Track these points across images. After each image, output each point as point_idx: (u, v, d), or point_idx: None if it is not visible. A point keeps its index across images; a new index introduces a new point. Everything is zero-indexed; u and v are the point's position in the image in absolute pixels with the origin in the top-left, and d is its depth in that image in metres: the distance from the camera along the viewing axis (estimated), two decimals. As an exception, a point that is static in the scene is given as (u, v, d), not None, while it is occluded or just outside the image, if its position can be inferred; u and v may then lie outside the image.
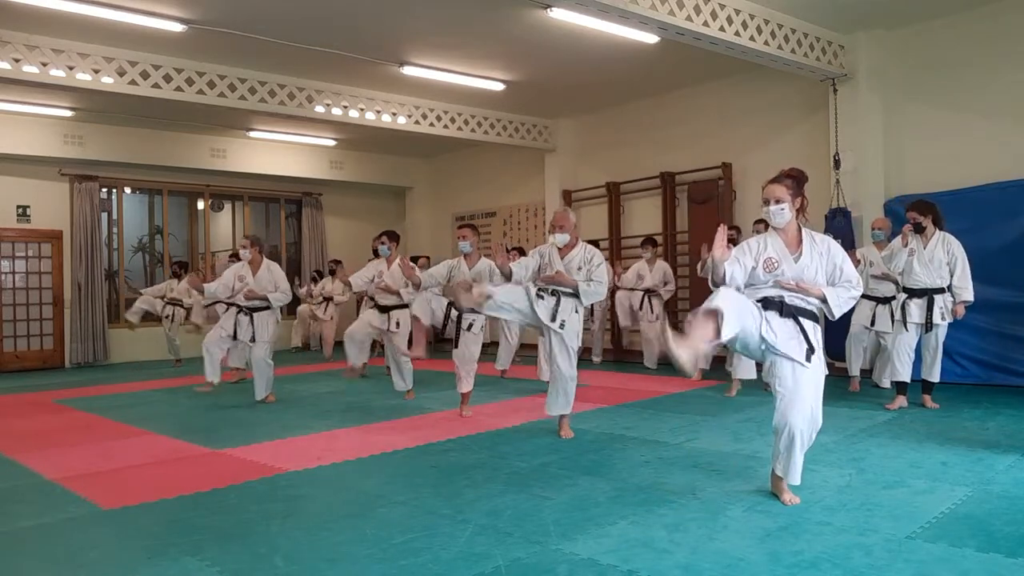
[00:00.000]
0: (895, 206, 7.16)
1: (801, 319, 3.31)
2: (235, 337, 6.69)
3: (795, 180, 3.40)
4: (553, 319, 4.75)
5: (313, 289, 11.10)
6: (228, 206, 12.78)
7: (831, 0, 6.59)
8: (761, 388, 6.49)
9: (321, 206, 13.25)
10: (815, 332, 3.34)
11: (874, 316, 6.30)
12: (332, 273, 11.03)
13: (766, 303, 3.33)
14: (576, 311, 4.85)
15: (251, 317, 6.57)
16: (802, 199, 3.41)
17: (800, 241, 3.41)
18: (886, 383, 6.33)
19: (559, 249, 4.91)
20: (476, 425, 5.43)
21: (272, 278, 6.54)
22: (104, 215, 11.20)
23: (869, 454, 4.26)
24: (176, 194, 12.08)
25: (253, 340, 6.56)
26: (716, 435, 4.77)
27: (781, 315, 3.29)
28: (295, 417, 6.00)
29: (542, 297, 4.82)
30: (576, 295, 4.81)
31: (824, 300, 3.33)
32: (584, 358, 9.17)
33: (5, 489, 4.04)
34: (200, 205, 12.43)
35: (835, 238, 7.29)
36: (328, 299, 10.94)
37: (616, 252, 9.95)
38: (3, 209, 10.28)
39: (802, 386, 3.28)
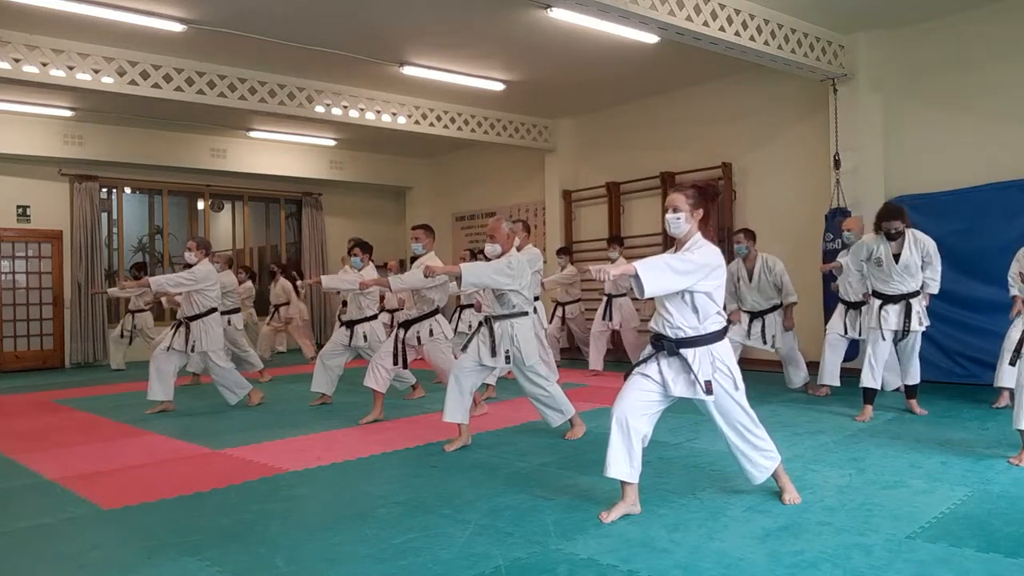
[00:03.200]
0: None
1: (683, 351, 3.17)
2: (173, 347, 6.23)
3: (699, 191, 3.24)
4: (495, 354, 4.50)
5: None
6: (228, 206, 12.78)
7: (831, 0, 6.59)
8: (759, 387, 6.49)
9: (321, 206, 13.25)
10: (709, 359, 3.18)
11: (846, 324, 6.12)
12: (272, 275, 10.32)
13: (655, 343, 3.25)
14: (516, 333, 4.53)
15: (187, 326, 6.20)
16: (703, 212, 3.23)
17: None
18: (893, 385, 6.32)
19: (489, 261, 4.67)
20: (476, 425, 5.42)
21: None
22: (104, 215, 11.19)
23: (869, 454, 4.26)
24: (176, 194, 12.08)
25: (193, 350, 6.18)
26: (716, 435, 4.75)
27: (670, 354, 3.19)
28: (295, 417, 6.00)
29: (481, 326, 4.63)
30: (511, 316, 4.55)
31: (636, 276, 3.00)
32: (579, 358, 9.16)
33: (5, 489, 4.04)
34: (200, 205, 12.43)
35: (834, 238, 7.33)
36: (277, 307, 10.36)
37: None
38: (3, 209, 10.28)
39: (721, 415, 3.27)
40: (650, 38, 6.70)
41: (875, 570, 2.58)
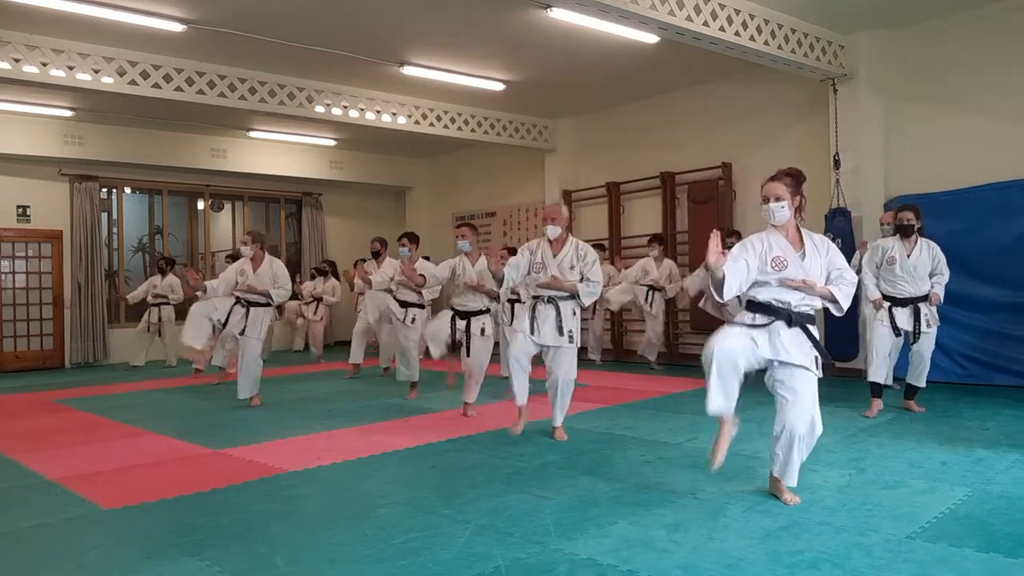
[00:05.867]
0: (895, 206, 7.16)
1: (808, 326, 3.33)
2: (225, 324, 6.37)
3: (794, 179, 3.40)
4: (562, 334, 4.73)
5: (300, 288, 10.78)
6: (228, 206, 12.77)
7: (831, 0, 6.59)
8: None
9: (321, 206, 13.25)
10: (818, 337, 3.37)
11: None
12: (323, 274, 10.82)
13: (772, 311, 3.32)
14: (575, 313, 4.83)
15: (247, 310, 6.43)
16: (800, 198, 3.41)
17: (802, 240, 3.41)
18: (889, 380, 6.33)
19: (550, 244, 4.85)
20: (476, 425, 5.43)
21: (273, 274, 6.47)
22: (104, 215, 11.19)
23: (869, 454, 4.26)
24: (176, 194, 12.08)
25: (243, 333, 6.38)
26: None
27: (790, 325, 3.30)
28: (295, 417, 6.00)
29: (537, 304, 4.76)
30: (572, 296, 4.78)
31: (833, 299, 3.34)
32: (583, 358, 9.17)
33: (5, 489, 4.04)
34: (200, 205, 12.43)
35: (834, 238, 7.35)
36: (317, 299, 10.71)
37: (616, 252, 9.94)
38: (3, 209, 10.28)
39: (804, 391, 3.29)
40: (650, 38, 6.70)
41: (875, 570, 2.58)
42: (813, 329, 3.34)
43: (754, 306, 3.37)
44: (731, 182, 8.77)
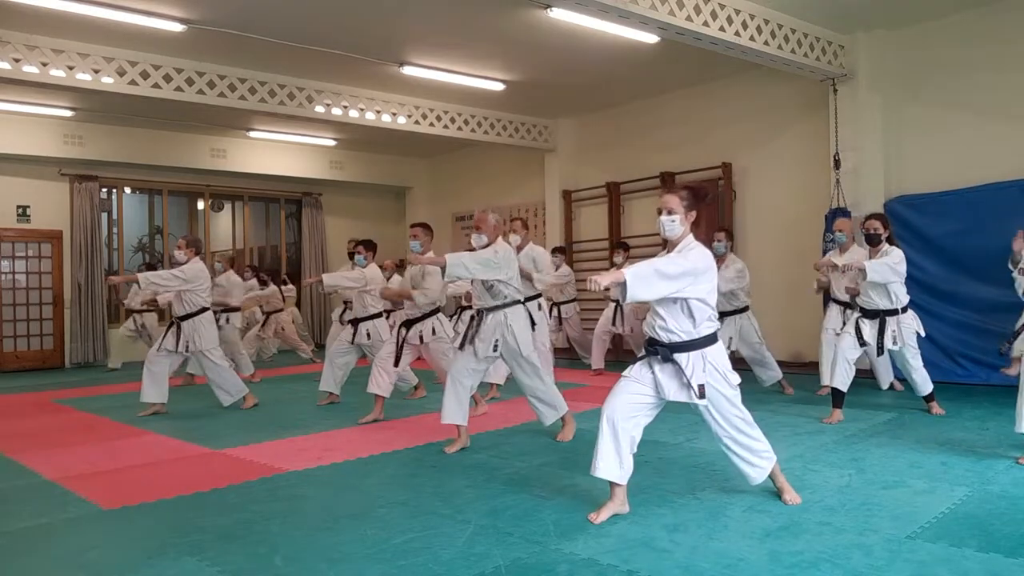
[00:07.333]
0: (895, 206, 7.16)
1: (676, 356, 3.15)
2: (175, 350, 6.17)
3: (692, 193, 3.29)
4: (493, 348, 4.50)
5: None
6: (228, 206, 12.78)
7: (831, 0, 6.59)
8: (759, 387, 6.50)
9: (321, 206, 13.25)
10: (701, 363, 3.16)
11: (844, 322, 5.92)
12: (263, 283, 9.94)
13: (651, 344, 3.22)
14: (511, 323, 4.51)
15: (179, 326, 6.16)
16: (696, 215, 3.27)
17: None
18: (885, 384, 6.33)
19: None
20: (476, 425, 5.42)
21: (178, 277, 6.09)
22: (104, 215, 11.20)
23: (869, 454, 4.26)
24: (176, 194, 12.08)
25: (187, 350, 6.16)
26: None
27: (663, 359, 3.17)
28: (295, 417, 6.00)
29: (473, 320, 4.59)
30: (503, 306, 4.52)
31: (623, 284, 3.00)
32: (579, 359, 9.17)
33: (5, 489, 4.04)
34: (200, 205, 12.43)
35: (834, 238, 7.33)
36: (269, 313, 9.95)
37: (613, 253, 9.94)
38: (3, 209, 10.28)
39: (719, 413, 3.24)
40: (650, 38, 6.70)
41: (875, 570, 2.58)
42: (687, 357, 3.14)
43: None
44: (731, 182, 8.76)
